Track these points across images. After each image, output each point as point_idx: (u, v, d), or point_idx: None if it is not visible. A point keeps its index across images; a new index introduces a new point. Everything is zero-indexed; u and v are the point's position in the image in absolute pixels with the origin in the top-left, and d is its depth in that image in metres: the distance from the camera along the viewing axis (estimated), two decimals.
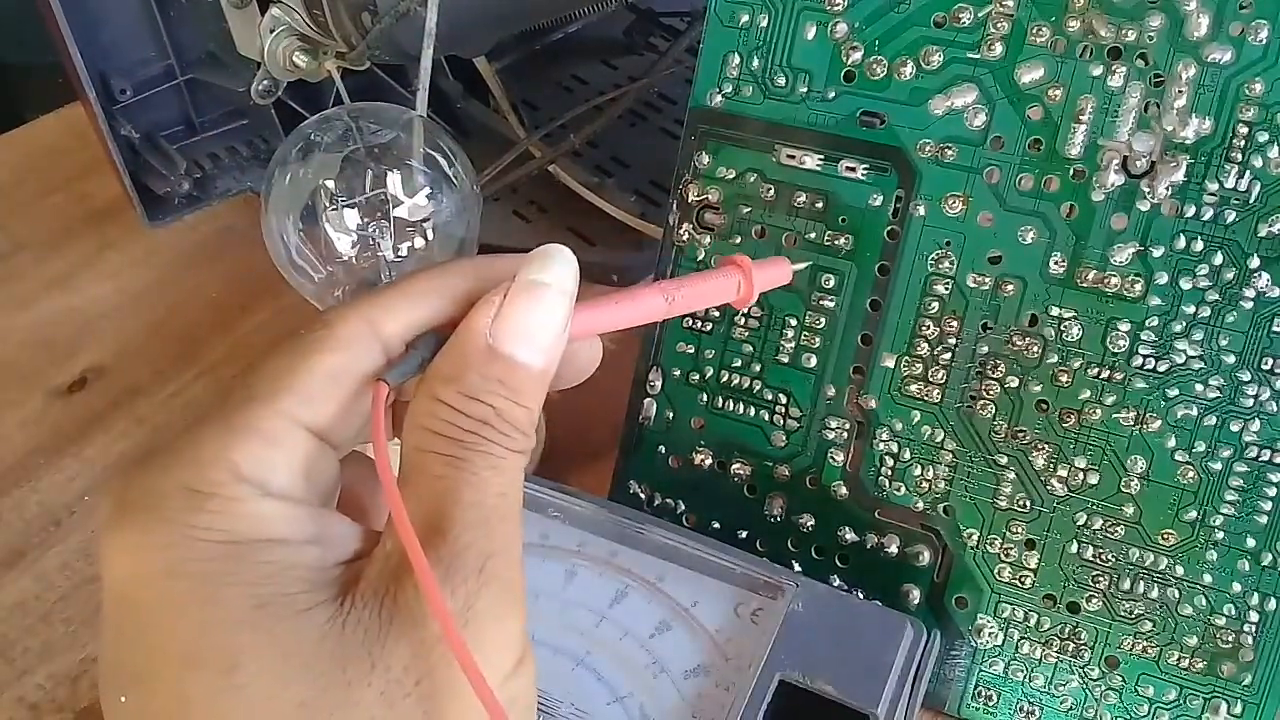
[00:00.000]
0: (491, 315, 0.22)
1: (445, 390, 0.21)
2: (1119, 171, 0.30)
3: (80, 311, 0.50)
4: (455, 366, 0.22)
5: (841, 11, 0.32)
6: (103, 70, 0.44)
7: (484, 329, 0.22)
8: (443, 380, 0.21)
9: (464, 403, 0.21)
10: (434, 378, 0.22)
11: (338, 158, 0.36)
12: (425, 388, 0.22)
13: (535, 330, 0.22)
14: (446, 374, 0.22)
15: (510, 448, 0.21)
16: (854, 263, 0.33)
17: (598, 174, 0.50)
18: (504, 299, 0.22)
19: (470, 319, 0.22)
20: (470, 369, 0.21)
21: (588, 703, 0.29)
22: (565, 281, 0.23)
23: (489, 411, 0.21)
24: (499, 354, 0.22)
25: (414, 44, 0.37)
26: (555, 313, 0.22)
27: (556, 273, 0.23)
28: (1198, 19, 0.29)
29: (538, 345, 0.22)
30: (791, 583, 0.30)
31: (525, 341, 0.22)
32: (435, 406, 0.21)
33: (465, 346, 0.22)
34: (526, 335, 0.22)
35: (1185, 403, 0.30)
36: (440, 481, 0.21)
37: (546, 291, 0.22)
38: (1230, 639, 0.30)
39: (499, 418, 0.21)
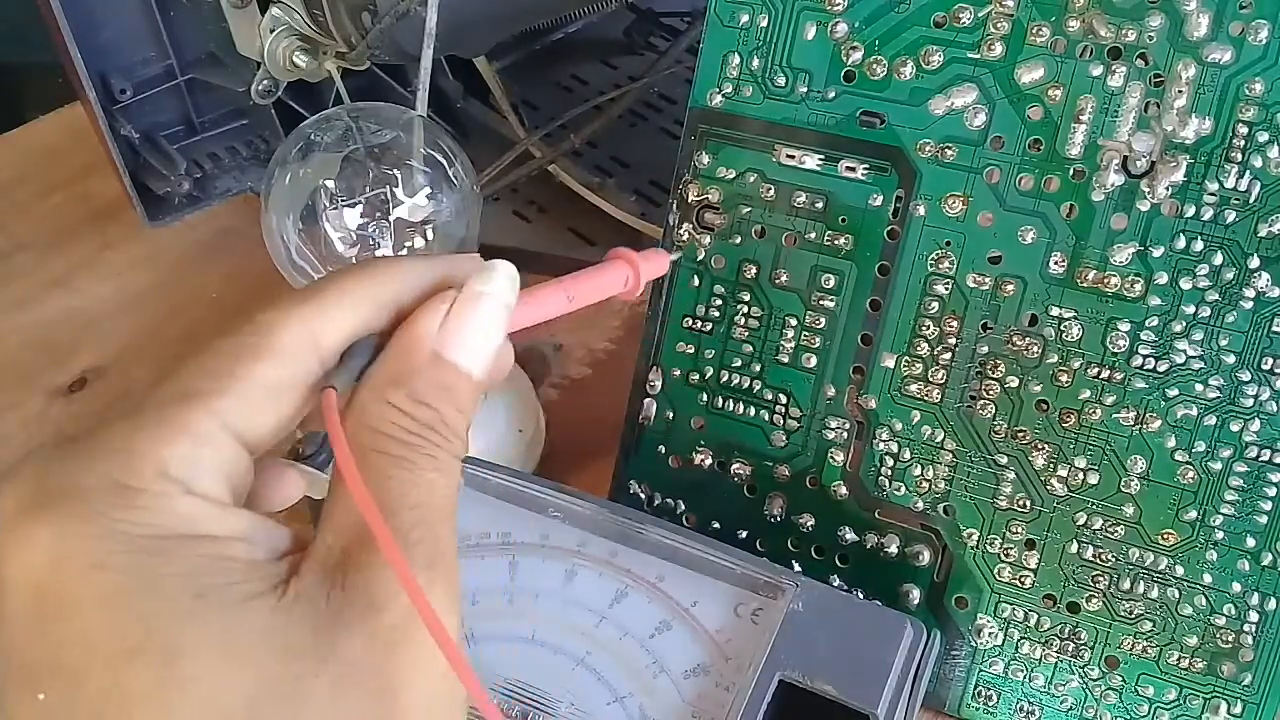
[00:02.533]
0: (437, 322, 0.22)
1: (394, 393, 0.22)
2: (1119, 171, 0.30)
3: (81, 311, 0.50)
4: (403, 371, 0.22)
5: (841, 11, 0.32)
6: (103, 70, 0.44)
7: (430, 335, 0.22)
8: (392, 383, 0.22)
9: (414, 406, 0.22)
10: (383, 381, 0.22)
11: (338, 158, 0.36)
12: (372, 391, 0.22)
13: (478, 340, 0.23)
14: (395, 378, 0.22)
15: (452, 452, 0.22)
16: (854, 263, 0.33)
17: (598, 174, 0.50)
18: (450, 307, 0.23)
19: (416, 325, 0.22)
20: (418, 374, 0.22)
21: (588, 703, 0.29)
22: (507, 295, 0.24)
23: (435, 416, 0.22)
24: (445, 361, 0.22)
25: (414, 44, 0.37)
26: (496, 324, 0.23)
27: (499, 285, 0.23)
28: (1198, 19, 0.29)
29: (478, 355, 0.23)
30: (791, 582, 0.30)
31: (468, 350, 0.23)
32: (385, 409, 0.21)
33: (412, 352, 0.22)
34: (470, 344, 0.23)
35: (1185, 403, 0.30)
36: (390, 482, 0.21)
37: (490, 303, 0.23)
38: (1230, 639, 0.30)
39: (443, 422, 0.22)
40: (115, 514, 0.19)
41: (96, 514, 0.19)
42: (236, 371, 0.21)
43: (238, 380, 0.21)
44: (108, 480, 0.19)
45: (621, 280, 0.28)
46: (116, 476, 0.20)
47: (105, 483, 0.19)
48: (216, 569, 0.20)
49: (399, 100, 0.45)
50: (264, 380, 0.21)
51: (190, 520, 0.20)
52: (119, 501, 0.19)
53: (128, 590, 0.19)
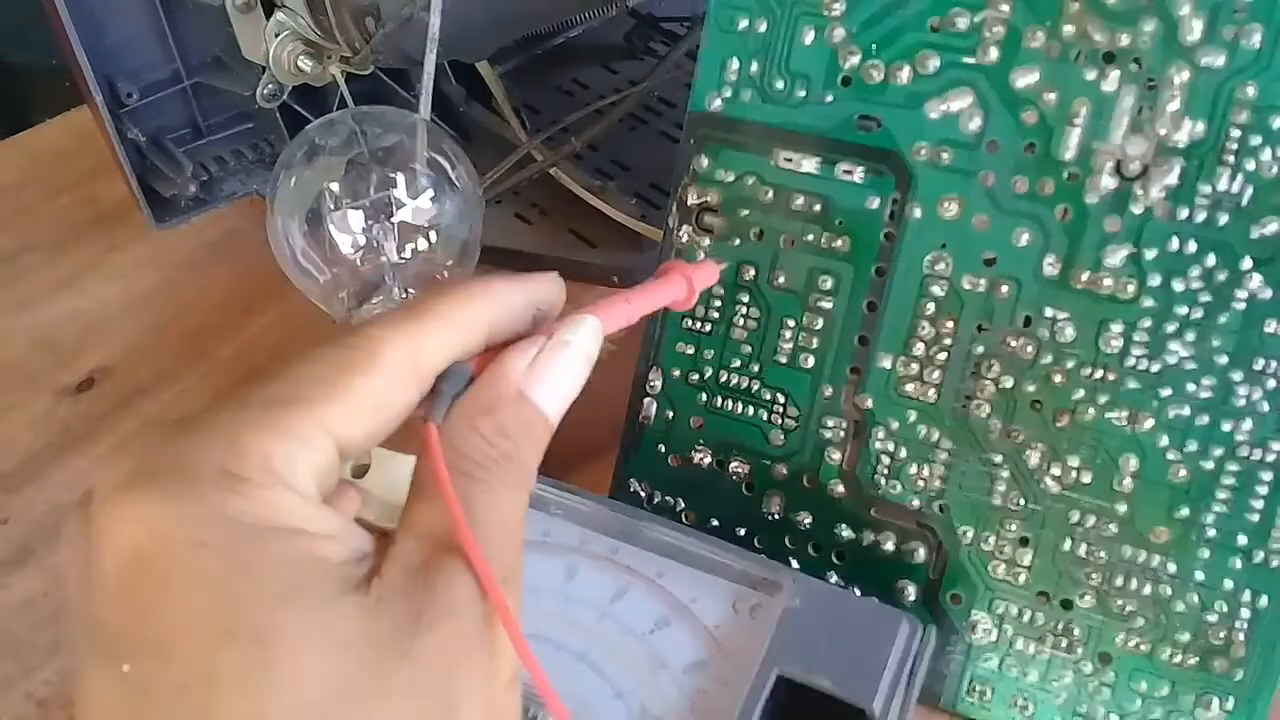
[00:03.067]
0: (526, 363, 0.24)
1: (484, 422, 0.23)
2: (1113, 174, 0.31)
3: (87, 313, 0.51)
4: (493, 402, 0.23)
5: (839, 17, 0.33)
6: (109, 74, 0.44)
7: (518, 373, 0.24)
8: (482, 412, 0.23)
9: (497, 437, 0.23)
10: (473, 409, 0.23)
11: (342, 161, 0.36)
12: (464, 417, 0.23)
13: (558, 385, 0.24)
14: (485, 407, 0.23)
15: (525, 486, 0.23)
16: (851, 264, 0.33)
17: (599, 177, 0.51)
18: (539, 353, 0.24)
19: (507, 363, 0.24)
20: (505, 408, 0.23)
21: (588, 698, 0.29)
22: (591, 348, 0.25)
23: (514, 449, 0.23)
24: (529, 400, 0.23)
25: (417, 49, 0.37)
26: (577, 373, 0.25)
27: (584, 337, 0.25)
28: (1191, 24, 0.29)
29: (556, 399, 0.24)
30: (789, 579, 0.30)
31: (550, 393, 0.24)
32: (472, 435, 0.23)
33: (501, 387, 0.23)
34: (552, 388, 0.24)
35: (1178, 403, 0.30)
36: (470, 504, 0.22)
37: (575, 353, 0.24)
38: (1222, 635, 0.31)
39: (519, 454, 0.23)
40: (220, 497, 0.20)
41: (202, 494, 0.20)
42: (341, 382, 0.22)
43: (342, 390, 0.22)
44: (215, 464, 0.20)
45: (680, 289, 0.29)
46: (223, 462, 0.20)
47: (212, 466, 0.20)
48: (311, 562, 0.20)
49: (402, 104, 0.46)
50: (367, 393, 0.22)
51: (289, 514, 0.20)
52: (224, 485, 0.20)
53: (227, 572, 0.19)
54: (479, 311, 0.24)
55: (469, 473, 0.22)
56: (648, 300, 0.28)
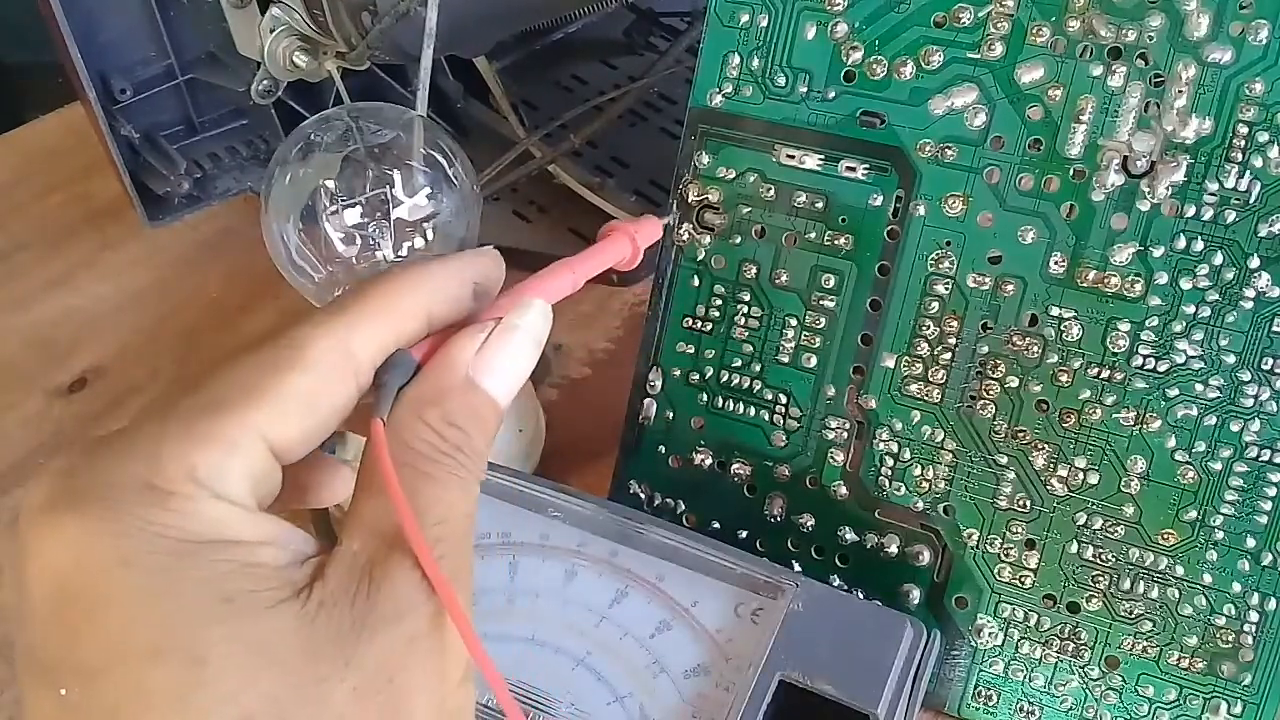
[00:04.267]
0: (473, 349, 0.23)
1: (429, 411, 0.22)
2: (1119, 171, 0.30)
3: (80, 311, 0.50)
4: (440, 391, 0.23)
5: (841, 11, 0.32)
6: (103, 70, 0.44)
7: (466, 360, 0.23)
8: (428, 402, 0.22)
9: (444, 427, 0.22)
10: (419, 399, 0.23)
11: (338, 158, 0.36)
12: (410, 408, 0.22)
13: (507, 370, 0.24)
14: (431, 397, 0.23)
15: (474, 475, 0.23)
16: (854, 263, 0.33)
17: (598, 174, 0.50)
18: (487, 338, 0.24)
19: (455, 351, 0.23)
20: (453, 396, 0.23)
21: (588, 703, 0.29)
22: (539, 331, 0.25)
23: (464, 438, 0.22)
24: (476, 386, 0.23)
25: (414, 44, 0.37)
26: (527, 357, 0.24)
27: (532, 320, 0.24)
28: (1198, 19, 0.29)
29: (506, 384, 0.24)
30: (791, 582, 0.30)
31: (499, 379, 0.23)
32: (419, 426, 0.22)
33: (448, 375, 0.23)
34: (501, 374, 0.24)
35: (1185, 403, 0.30)
36: (416, 496, 0.21)
37: (524, 337, 0.24)
38: (1230, 639, 0.30)
39: (470, 445, 0.22)
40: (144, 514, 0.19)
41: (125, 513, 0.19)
42: (268, 383, 0.21)
43: (269, 391, 0.21)
44: (137, 480, 0.20)
45: (624, 249, 0.29)
46: (146, 477, 0.20)
47: (135, 483, 0.20)
48: (243, 574, 0.20)
49: (399, 100, 0.45)
50: (296, 391, 0.21)
51: (218, 524, 0.20)
52: (148, 501, 0.19)
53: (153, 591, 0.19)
54: (414, 297, 0.23)
55: (417, 466, 0.22)
56: (591, 264, 0.28)
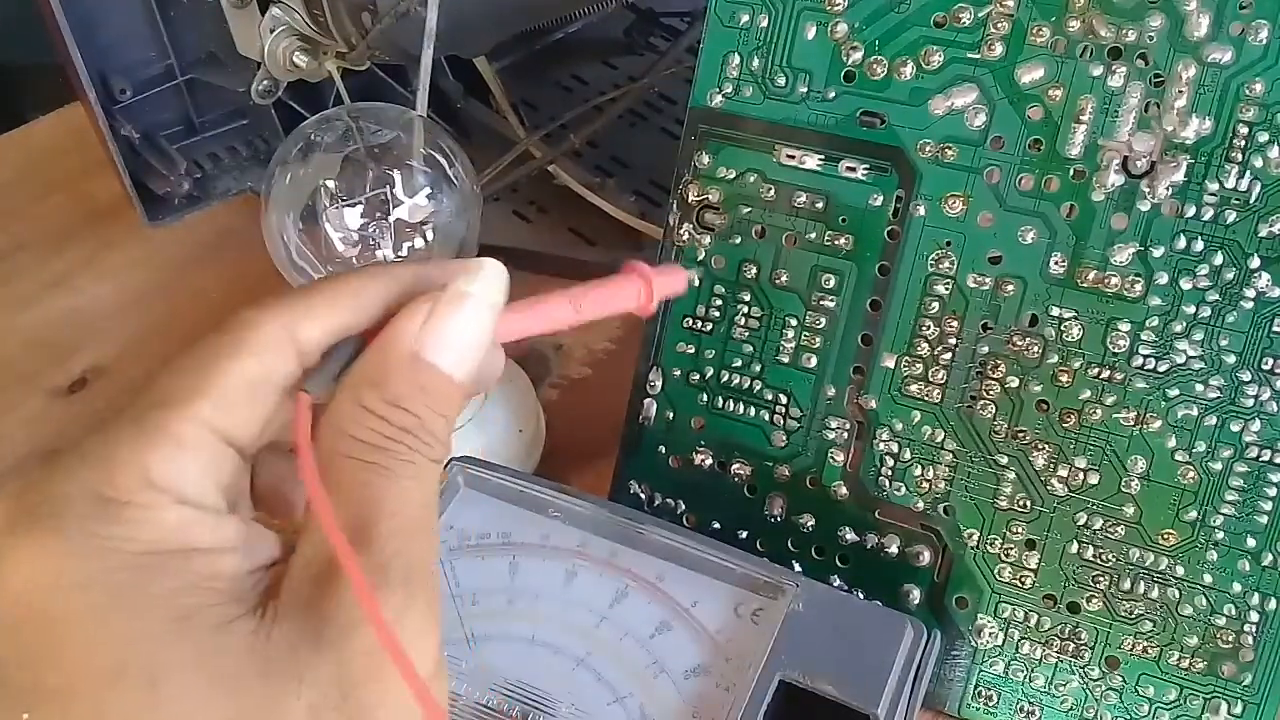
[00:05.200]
0: (419, 323, 0.22)
1: (369, 396, 0.21)
2: (1119, 171, 0.30)
3: (81, 311, 0.50)
4: (380, 372, 0.21)
5: (842, 11, 0.32)
6: (103, 70, 0.44)
7: (410, 336, 0.21)
8: (368, 385, 0.21)
9: (388, 410, 0.21)
10: (359, 383, 0.21)
11: (338, 158, 0.36)
12: (348, 392, 0.21)
13: (461, 341, 0.22)
14: (371, 379, 0.21)
15: (430, 456, 0.21)
16: (854, 263, 0.33)
17: (598, 174, 0.50)
18: (433, 308, 0.22)
19: (397, 326, 0.22)
20: (396, 375, 0.21)
21: (588, 703, 0.29)
22: (493, 294, 0.22)
23: (412, 420, 0.21)
24: (424, 362, 0.21)
25: (414, 44, 0.37)
26: (481, 325, 0.22)
27: (485, 285, 0.22)
28: (1198, 19, 0.29)
29: (461, 356, 0.22)
30: (792, 583, 0.30)
31: (450, 352, 0.22)
32: (359, 413, 0.21)
33: (391, 353, 0.21)
34: (452, 346, 0.22)
35: (1186, 403, 0.30)
36: (365, 489, 0.20)
37: (475, 303, 0.22)
38: (1230, 639, 0.30)
39: (421, 427, 0.21)
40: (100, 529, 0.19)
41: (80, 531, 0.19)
42: (212, 372, 0.21)
43: (214, 381, 0.20)
44: (90, 494, 0.19)
45: (633, 296, 0.26)
46: (100, 490, 0.19)
47: (89, 497, 0.19)
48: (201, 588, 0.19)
49: (399, 100, 0.45)
50: (241, 377, 0.21)
51: (178, 532, 0.19)
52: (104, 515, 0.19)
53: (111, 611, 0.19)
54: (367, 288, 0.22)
55: (361, 457, 0.20)
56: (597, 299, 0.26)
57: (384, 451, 0.21)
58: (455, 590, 0.31)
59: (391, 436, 0.21)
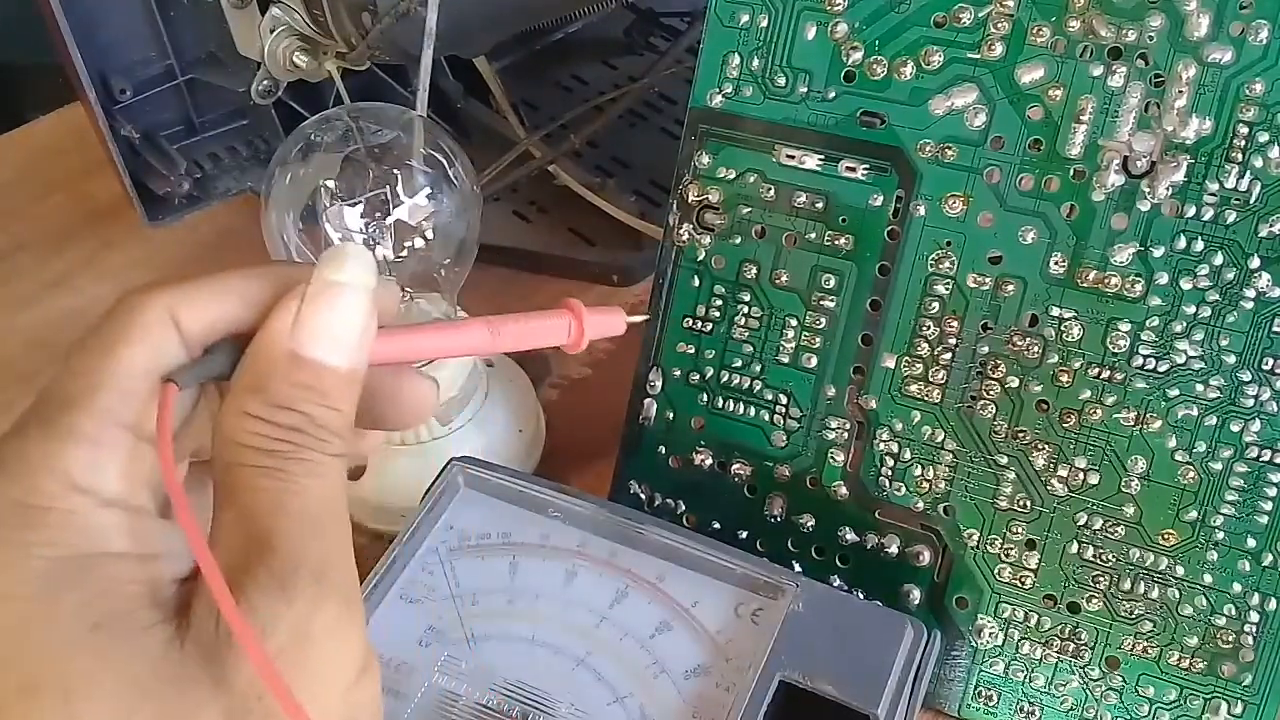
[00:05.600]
0: (290, 319, 0.21)
1: (252, 402, 0.21)
2: (1119, 171, 0.30)
3: (81, 311, 0.50)
4: (259, 376, 0.21)
5: (842, 11, 0.32)
6: (103, 70, 0.44)
7: (284, 334, 0.21)
8: (249, 391, 0.21)
9: (273, 412, 0.21)
10: (239, 390, 0.21)
11: (338, 158, 0.36)
12: (231, 401, 0.21)
13: (338, 331, 0.21)
14: (251, 384, 0.21)
15: (327, 452, 0.21)
16: (854, 263, 0.33)
17: (598, 174, 0.50)
18: (301, 302, 0.21)
19: (269, 325, 0.21)
20: (275, 377, 0.21)
21: (588, 703, 0.29)
22: (362, 278, 0.22)
23: (300, 419, 0.21)
24: (303, 359, 0.21)
25: (414, 44, 0.37)
26: (356, 311, 0.22)
27: (352, 271, 0.22)
28: (1198, 19, 0.29)
29: (342, 346, 0.21)
30: (792, 583, 0.30)
31: (329, 343, 0.21)
32: (244, 420, 0.20)
33: (267, 354, 0.21)
34: (329, 337, 0.21)
35: (1186, 403, 0.30)
36: (261, 495, 0.20)
37: (344, 290, 0.22)
38: (1231, 639, 0.30)
39: (312, 424, 0.21)
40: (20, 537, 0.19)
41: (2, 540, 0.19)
42: (105, 363, 0.20)
43: (108, 372, 0.20)
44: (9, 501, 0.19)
45: (561, 330, 0.26)
46: (19, 497, 0.19)
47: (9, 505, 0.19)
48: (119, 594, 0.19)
49: (399, 100, 0.45)
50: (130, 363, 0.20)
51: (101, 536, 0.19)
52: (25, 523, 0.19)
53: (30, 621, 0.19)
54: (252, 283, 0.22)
55: (249, 462, 0.20)
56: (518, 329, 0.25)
57: (275, 455, 0.20)
58: (455, 590, 0.31)
59: (280, 438, 0.20)
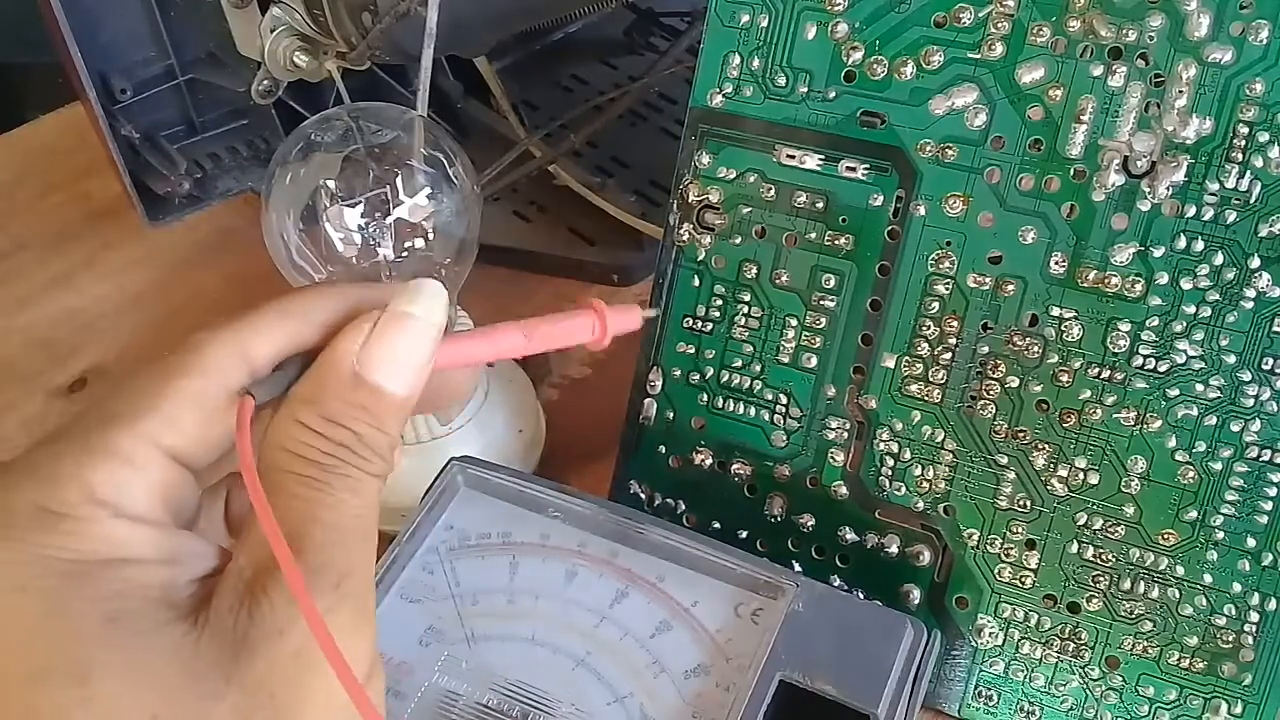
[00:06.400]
0: (360, 342, 0.22)
1: (306, 413, 0.22)
2: (1119, 171, 0.30)
3: (81, 312, 0.50)
4: (318, 390, 0.22)
5: (842, 11, 0.32)
6: (103, 70, 0.44)
7: (350, 355, 0.22)
8: (304, 402, 0.22)
9: (325, 426, 0.22)
10: (295, 400, 0.22)
11: (338, 157, 0.36)
12: (286, 409, 0.22)
13: (401, 360, 0.23)
14: (308, 397, 0.22)
15: (369, 471, 0.22)
16: (854, 263, 0.33)
17: (598, 174, 0.50)
18: (373, 327, 0.22)
19: (337, 344, 0.22)
20: (333, 394, 0.22)
21: (588, 703, 0.29)
22: (434, 314, 0.23)
23: (350, 436, 0.22)
24: (364, 381, 0.22)
25: (414, 44, 0.37)
26: (422, 344, 0.23)
27: (426, 305, 0.23)
28: (1198, 19, 0.29)
29: (402, 375, 0.23)
30: (792, 583, 0.30)
31: (390, 370, 0.22)
32: (295, 429, 0.21)
33: (330, 371, 0.22)
34: (392, 364, 0.22)
35: (1186, 403, 0.30)
36: (298, 502, 0.21)
37: (415, 323, 0.23)
38: (1231, 639, 0.30)
39: (360, 442, 0.22)
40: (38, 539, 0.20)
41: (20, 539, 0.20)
42: (162, 390, 0.21)
43: (163, 399, 0.21)
44: (32, 506, 0.20)
45: (587, 330, 0.27)
46: (41, 502, 0.20)
47: (30, 508, 0.20)
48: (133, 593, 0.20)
49: (399, 100, 0.45)
50: (190, 396, 0.21)
51: (114, 544, 0.20)
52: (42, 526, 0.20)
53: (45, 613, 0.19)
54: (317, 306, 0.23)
55: (292, 469, 0.21)
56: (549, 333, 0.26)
57: (319, 466, 0.21)
58: (455, 590, 0.31)
59: (328, 452, 0.21)
